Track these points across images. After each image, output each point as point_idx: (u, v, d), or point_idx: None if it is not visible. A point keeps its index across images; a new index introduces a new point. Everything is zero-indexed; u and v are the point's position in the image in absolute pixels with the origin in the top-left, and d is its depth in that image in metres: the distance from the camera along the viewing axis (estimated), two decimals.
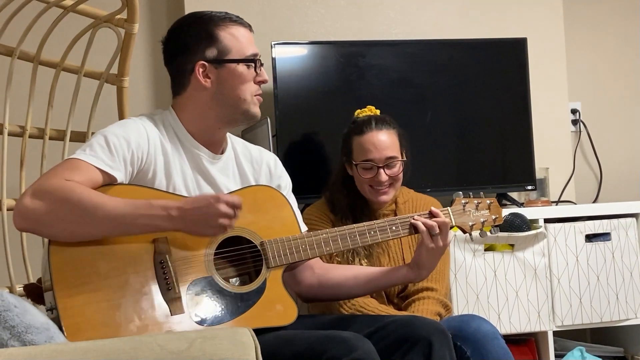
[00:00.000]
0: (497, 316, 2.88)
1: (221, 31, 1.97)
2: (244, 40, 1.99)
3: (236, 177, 2.07)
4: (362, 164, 2.43)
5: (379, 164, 2.42)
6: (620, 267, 3.02)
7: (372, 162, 2.42)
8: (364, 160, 2.43)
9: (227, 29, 1.98)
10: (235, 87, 1.97)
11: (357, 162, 2.44)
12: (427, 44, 3.20)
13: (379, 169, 2.42)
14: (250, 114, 2.00)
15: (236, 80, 1.97)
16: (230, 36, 1.98)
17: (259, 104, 2.02)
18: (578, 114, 3.61)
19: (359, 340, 1.75)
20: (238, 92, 1.97)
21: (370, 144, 2.43)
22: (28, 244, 2.37)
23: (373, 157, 2.42)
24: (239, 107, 1.98)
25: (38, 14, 2.38)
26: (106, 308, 1.74)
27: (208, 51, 1.96)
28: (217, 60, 1.96)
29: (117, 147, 1.86)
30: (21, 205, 1.74)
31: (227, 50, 1.97)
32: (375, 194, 2.45)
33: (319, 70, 3.08)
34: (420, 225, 2.10)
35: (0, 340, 1.49)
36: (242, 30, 2.00)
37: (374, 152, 2.42)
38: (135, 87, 3.05)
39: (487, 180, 3.19)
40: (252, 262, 1.96)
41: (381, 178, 2.41)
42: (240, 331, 1.48)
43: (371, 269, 2.21)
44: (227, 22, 1.99)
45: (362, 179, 2.45)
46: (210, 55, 1.96)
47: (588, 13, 3.68)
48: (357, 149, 2.45)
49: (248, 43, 2.00)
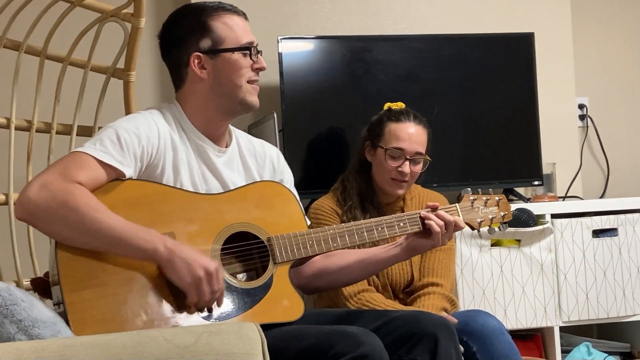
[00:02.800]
0: (503, 311, 2.87)
1: (214, 21, 1.96)
2: (237, 29, 1.97)
3: (240, 170, 2.07)
4: (391, 151, 2.44)
5: (407, 156, 2.44)
6: (627, 262, 3.01)
7: (403, 151, 2.43)
8: (395, 148, 2.44)
9: (220, 19, 1.97)
10: (231, 76, 1.96)
11: (387, 148, 2.44)
12: (433, 39, 3.19)
13: (406, 160, 2.43)
14: (246, 102, 1.98)
15: (232, 69, 1.96)
16: (223, 25, 1.96)
17: (256, 93, 2.00)
18: (585, 109, 3.60)
19: (366, 335, 1.74)
20: (234, 80, 1.96)
21: (405, 133, 2.45)
22: (35, 238, 2.37)
23: (405, 147, 2.44)
24: (236, 96, 1.97)
25: (45, 8, 2.38)
26: (113, 303, 1.74)
27: (202, 42, 1.95)
28: (211, 50, 1.95)
29: (128, 142, 1.85)
30: (24, 196, 1.74)
31: (221, 40, 1.95)
32: (392, 185, 2.45)
33: (326, 65, 3.08)
34: (434, 227, 2.08)
35: (8, 334, 1.49)
36: (236, 18, 1.99)
37: (406, 142, 2.44)
38: (142, 82, 3.05)
39: (494, 175, 3.19)
40: (259, 258, 1.96)
41: (405, 169, 2.43)
42: (247, 326, 1.48)
43: (364, 253, 2.19)
44: (220, 12, 1.98)
45: (385, 167, 2.45)
46: (205, 46, 1.95)
47: (595, 8, 3.67)
48: (390, 135, 2.46)
49: (243, 31, 1.98)
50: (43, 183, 1.75)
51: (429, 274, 2.43)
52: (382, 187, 2.48)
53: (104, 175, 1.81)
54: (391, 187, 2.46)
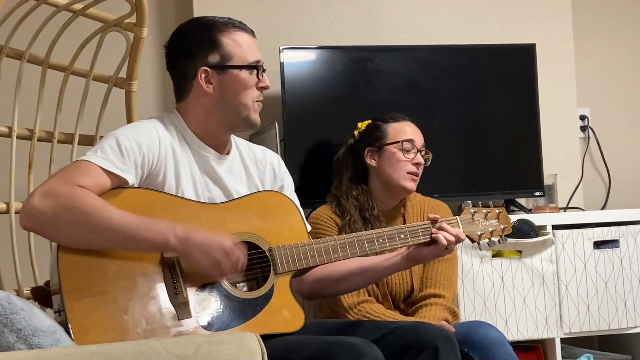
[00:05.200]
0: (504, 323, 2.87)
1: (224, 37, 1.97)
2: (246, 47, 1.99)
3: (242, 177, 2.07)
4: (405, 144, 2.47)
5: (418, 147, 2.49)
6: (629, 274, 3.01)
7: (414, 142, 2.48)
8: (406, 140, 2.46)
9: (230, 35, 1.98)
10: (237, 93, 1.97)
11: (399, 141, 2.47)
12: (435, 49, 3.20)
13: (418, 151, 2.47)
14: (250, 120, 2.00)
15: (238, 86, 1.97)
16: (232, 42, 1.98)
17: (259, 111, 2.02)
18: (587, 120, 3.60)
19: (367, 346, 1.74)
20: (239, 98, 1.98)
21: (409, 128, 2.52)
22: (35, 247, 2.37)
23: (414, 138, 2.49)
24: (240, 114, 1.99)
25: (47, 17, 2.39)
26: (113, 311, 1.74)
27: (211, 57, 1.97)
28: (219, 66, 1.96)
29: (129, 149, 1.86)
30: (29, 205, 1.75)
31: (229, 56, 1.97)
32: (409, 180, 2.47)
33: (327, 75, 3.08)
34: (442, 240, 2.08)
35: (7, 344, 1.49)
36: (245, 36, 2.00)
37: (413, 135, 2.50)
38: (144, 91, 3.05)
39: (495, 186, 3.18)
40: (260, 268, 1.96)
41: (420, 160, 2.48)
42: (247, 336, 1.48)
43: (364, 261, 2.20)
44: (230, 28, 1.99)
45: (401, 162, 2.46)
46: (213, 61, 1.97)
47: (597, 19, 3.68)
48: (395, 131, 2.51)
49: (250, 49, 2.00)
50: (46, 190, 1.76)
51: (431, 285, 2.43)
52: (397, 184, 2.48)
53: (107, 182, 1.82)
54: (408, 182, 2.48)
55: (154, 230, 1.77)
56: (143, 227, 1.76)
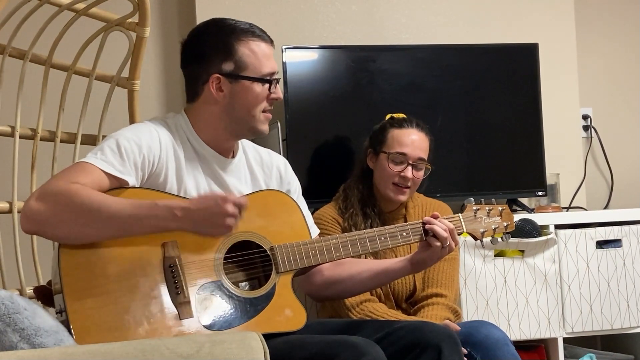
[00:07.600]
0: (507, 322, 2.87)
1: (240, 46, 1.95)
2: (262, 57, 1.96)
3: (248, 180, 2.07)
4: (394, 156, 2.45)
5: (409, 161, 2.45)
6: (631, 273, 3.00)
7: (405, 156, 2.45)
8: (398, 153, 2.45)
9: (247, 44, 1.96)
10: (247, 104, 1.96)
11: (390, 152, 2.45)
12: (437, 49, 3.20)
13: (408, 165, 2.44)
14: (257, 131, 2.00)
15: (249, 97, 1.96)
16: (249, 52, 1.95)
17: (267, 121, 2.01)
18: (589, 120, 3.59)
19: (369, 345, 1.74)
20: (248, 109, 1.97)
21: (408, 138, 2.47)
22: (38, 246, 2.37)
23: (407, 152, 2.46)
24: (247, 124, 1.98)
25: (50, 17, 2.39)
26: (115, 311, 1.74)
27: (225, 64, 1.95)
28: (232, 75, 1.95)
29: (128, 151, 1.86)
30: (27, 208, 1.75)
31: (244, 66, 1.95)
32: (394, 191, 2.46)
33: (330, 74, 3.08)
34: (441, 232, 2.07)
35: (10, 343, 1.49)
36: (263, 45, 1.98)
37: (409, 147, 2.46)
38: (146, 91, 3.05)
39: (498, 185, 3.18)
40: (261, 267, 1.96)
41: (407, 174, 2.44)
42: (249, 335, 1.48)
43: (374, 264, 2.21)
44: (249, 36, 1.97)
45: (388, 172, 2.45)
46: (226, 69, 1.95)
47: (600, 19, 3.67)
48: (393, 140, 2.48)
49: (266, 60, 1.97)
50: (42, 192, 1.76)
51: (433, 285, 2.43)
52: (384, 193, 2.48)
53: (106, 182, 1.82)
54: (393, 193, 2.46)
55: (157, 207, 1.78)
56: (145, 207, 1.77)
